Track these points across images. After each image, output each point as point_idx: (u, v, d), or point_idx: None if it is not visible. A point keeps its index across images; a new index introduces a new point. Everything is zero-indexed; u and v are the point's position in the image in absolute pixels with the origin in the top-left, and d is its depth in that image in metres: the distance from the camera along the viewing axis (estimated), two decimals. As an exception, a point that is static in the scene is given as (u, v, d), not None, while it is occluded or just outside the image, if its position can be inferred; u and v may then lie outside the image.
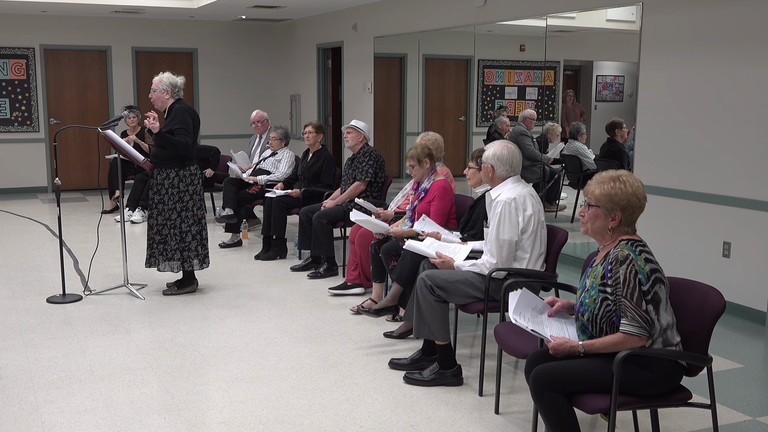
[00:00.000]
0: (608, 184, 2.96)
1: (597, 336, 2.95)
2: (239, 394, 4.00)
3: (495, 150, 4.11)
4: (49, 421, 3.67)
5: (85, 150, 11.83)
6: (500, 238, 3.95)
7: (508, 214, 3.94)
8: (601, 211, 2.98)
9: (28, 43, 11.26)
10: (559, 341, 2.96)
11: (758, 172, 5.23)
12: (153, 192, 5.68)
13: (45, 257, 7.16)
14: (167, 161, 5.62)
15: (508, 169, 4.09)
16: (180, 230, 5.69)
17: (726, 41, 5.37)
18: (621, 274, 2.84)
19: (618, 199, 2.94)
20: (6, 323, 5.17)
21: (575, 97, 7.71)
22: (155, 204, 5.69)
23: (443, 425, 3.66)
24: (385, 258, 5.09)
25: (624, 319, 2.85)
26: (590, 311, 2.94)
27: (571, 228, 7.34)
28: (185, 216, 5.70)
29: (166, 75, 5.68)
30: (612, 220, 2.96)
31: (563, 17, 6.90)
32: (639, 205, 2.95)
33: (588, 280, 3.01)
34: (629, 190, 2.94)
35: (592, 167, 7.32)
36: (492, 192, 4.12)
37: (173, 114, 5.62)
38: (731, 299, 5.40)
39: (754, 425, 3.71)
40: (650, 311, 2.85)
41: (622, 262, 2.85)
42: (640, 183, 2.99)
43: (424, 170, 5.19)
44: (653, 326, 2.85)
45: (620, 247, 2.90)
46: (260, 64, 12.76)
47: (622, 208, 2.94)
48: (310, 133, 7.13)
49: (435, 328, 4.03)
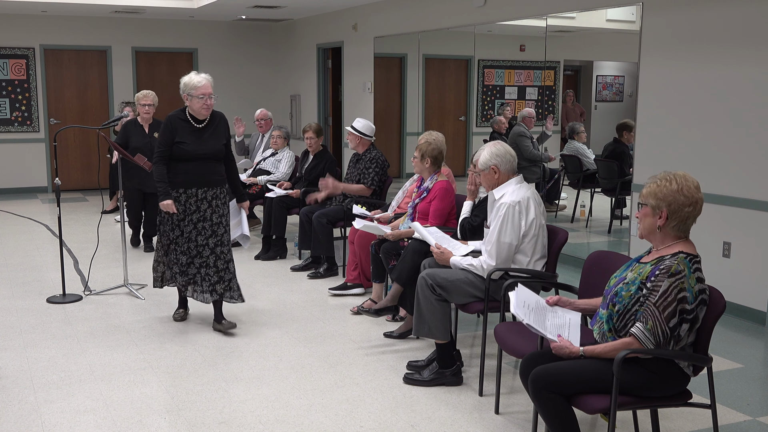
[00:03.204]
0: (656, 182, 2.91)
1: (620, 329, 2.93)
2: (239, 394, 4.00)
3: (490, 150, 4.08)
4: (49, 421, 3.67)
5: (85, 150, 11.83)
6: (501, 240, 3.94)
7: (511, 217, 3.93)
8: (648, 209, 2.93)
9: (28, 43, 11.26)
10: (561, 344, 2.96)
11: (758, 172, 5.23)
12: (189, 210, 4.87)
13: (45, 257, 7.16)
14: (222, 177, 4.99)
15: (510, 161, 4.07)
16: (228, 253, 4.99)
17: (726, 41, 5.37)
18: (665, 285, 2.79)
19: (663, 195, 2.87)
20: (6, 323, 5.17)
21: (575, 97, 7.71)
22: (194, 223, 4.89)
23: (443, 425, 3.66)
24: (385, 258, 5.10)
25: (641, 324, 2.82)
26: (623, 304, 2.91)
27: (571, 228, 7.35)
28: (227, 239, 5.04)
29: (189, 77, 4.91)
30: (659, 218, 2.90)
31: (563, 17, 6.90)
32: (687, 203, 2.85)
33: (631, 273, 2.96)
34: (674, 187, 2.86)
35: (592, 167, 7.32)
36: (495, 192, 4.09)
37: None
38: (731, 299, 5.40)
39: (754, 425, 3.71)
40: (684, 330, 2.82)
41: (672, 274, 2.79)
42: (692, 183, 2.89)
43: (423, 167, 5.17)
44: (669, 343, 2.82)
45: (678, 260, 2.82)
46: (260, 64, 12.76)
47: (668, 205, 2.87)
48: (311, 139, 7.11)
49: (435, 327, 4.02)
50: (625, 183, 6.63)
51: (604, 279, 3.19)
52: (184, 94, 4.83)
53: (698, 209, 2.90)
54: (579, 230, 7.51)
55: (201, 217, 4.89)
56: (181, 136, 4.82)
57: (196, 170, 4.85)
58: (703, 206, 2.92)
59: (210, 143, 4.88)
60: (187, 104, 4.87)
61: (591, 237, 7.51)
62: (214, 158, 4.91)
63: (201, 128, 4.88)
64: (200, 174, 4.86)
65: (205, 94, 4.78)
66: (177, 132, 4.82)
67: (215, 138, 4.91)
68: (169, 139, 4.82)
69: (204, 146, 4.85)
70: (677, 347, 2.87)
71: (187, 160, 4.83)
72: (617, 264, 3.37)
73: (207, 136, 4.88)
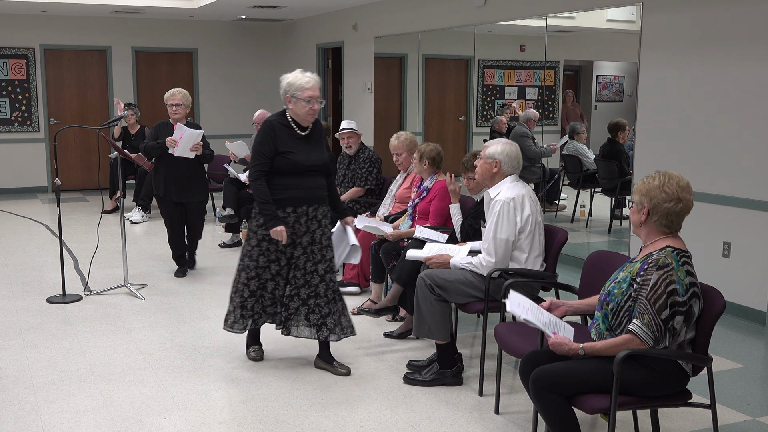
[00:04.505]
0: (642, 180, 2.97)
1: (615, 327, 2.94)
2: (239, 394, 4.00)
3: (503, 147, 4.09)
4: (49, 421, 3.67)
5: (85, 150, 11.83)
6: (498, 237, 3.95)
7: (506, 213, 3.94)
8: (634, 205, 2.99)
9: (28, 43, 11.26)
10: (559, 340, 2.95)
11: (758, 172, 5.23)
12: (298, 232, 4.17)
13: (45, 257, 7.16)
14: (327, 193, 4.35)
15: (514, 166, 4.09)
16: (336, 282, 4.34)
17: (726, 41, 5.37)
18: (653, 278, 2.81)
19: (645, 191, 2.92)
20: (6, 323, 5.17)
21: (575, 98, 7.72)
22: (303, 247, 4.19)
23: (443, 425, 3.66)
24: (385, 258, 5.10)
25: (637, 320, 2.83)
26: (616, 302, 2.93)
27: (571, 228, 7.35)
28: (335, 266, 4.37)
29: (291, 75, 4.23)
30: (642, 214, 2.94)
31: (563, 17, 6.90)
32: (667, 199, 2.89)
33: (623, 273, 2.99)
34: (656, 183, 2.91)
35: (592, 167, 7.32)
36: (491, 191, 4.12)
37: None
38: (731, 299, 5.40)
39: (754, 425, 3.71)
40: (678, 322, 2.83)
41: (660, 267, 2.82)
42: (677, 181, 2.91)
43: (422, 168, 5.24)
44: (665, 336, 2.83)
45: (665, 253, 2.86)
46: (260, 64, 12.76)
47: (649, 200, 2.91)
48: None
49: (435, 328, 4.02)
50: (625, 183, 6.63)
51: (604, 279, 3.19)
52: (287, 95, 4.14)
53: (683, 207, 2.91)
54: (579, 230, 7.51)
55: (311, 240, 4.17)
56: (285, 144, 4.12)
57: (305, 185, 4.16)
58: (693, 205, 2.94)
59: (317, 153, 4.21)
60: (289, 107, 4.16)
61: (591, 237, 7.51)
62: (321, 171, 4.23)
63: (306, 136, 4.20)
64: (308, 189, 4.17)
65: (313, 97, 4.10)
66: (281, 140, 4.12)
67: (320, 147, 4.26)
68: (270, 149, 4.10)
69: (312, 157, 4.18)
70: (675, 342, 2.87)
71: (293, 173, 4.13)
72: (617, 264, 3.38)
73: (313, 145, 4.22)
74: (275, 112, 4.26)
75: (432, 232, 4.82)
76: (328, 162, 4.28)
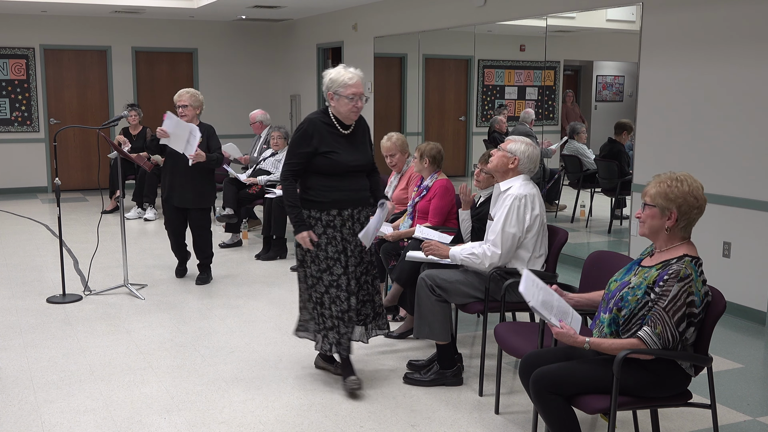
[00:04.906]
0: (665, 183, 2.89)
1: (623, 333, 2.91)
2: (239, 394, 4.00)
3: (526, 148, 4.04)
4: (49, 421, 3.67)
5: (85, 150, 11.83)
6: (506, 230, 3.93)
7: (516, 209, 3.92)
8: (656, 210, 2.90)
9: (28, 43, 11.26)
10: (565, 330, 2.90)
11: (758, 172, 5.23)
12: (346, 238, 4.01)
13: (45, 257, 7.16)
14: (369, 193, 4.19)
15: (531, 168, 4.07)
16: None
17: (726, 41, 5.37)
18: (674, 290, 2.78)
19: (674, 196, 2.86)
20: (6, 323, 5.17)
21: (575, 98, 7.72)
22: (352, 249, 4.04)
23: (443, 425, 3.66)
24: (385, 258, 5.10)
25: (648, 327, 2.81)
26: (630, 309, 2.89)
27: (571, 228, 7.35)
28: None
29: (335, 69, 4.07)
30: (668, 220, 2.89)
31: (563, 17, 6.90)
32: (696, 205, 2.86)
33: (635, 277, 2.95)
34: (685, 189, 2.86)
35: (592, 167, 7.33)
36: (502, 184, 4.07)
37: None
38: (731, 299, 5.40)
39: (754, 425, 3.71)
40: (689, 332, 2.82)
41: (681, 279, 2.78)
42: (699, 184, 2.89)
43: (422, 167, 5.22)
44: (677, 347, 2.82)
45: (685, 263, 2.82)
46: (260, 64, 12.76)
47: (678, 206, 2.86)
48: None
49: (435, 328, 4.02)
50: (625, 183, 6.63)
51: (604, 279, 3.18)
52: (330, 92, 3.95)
53: (703, 211, 2.90)
54: (579, 230, 7.51)
55: (357, 244, 4.03)
56: (328, 144, 3.93)
57: (349, 186, 3.99)
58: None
59: (360, 153, 4.04)
60: (332, 105, 3.97)
61: (591, 237, 7.51)
62: (364, 171, 4.08)
63: (349, 134, 4.02)
64: (353, 190, 4.00)
65: (356, 94, 3.93)
66: (323, 139, 3.92)
67: (364, 147, 4.09)
68: (306, 149, 3.91)
69: (355, 157, 4.00)
70: (680, 348, 2.87)
71: (336, 174, 3.95)
72: (617, 264, 3.37)
73: (357, 145, 4.05)
74: (317, 110, 4.07)
75: (432, 232, 4.81)
76: (372, 162, 4.14)
